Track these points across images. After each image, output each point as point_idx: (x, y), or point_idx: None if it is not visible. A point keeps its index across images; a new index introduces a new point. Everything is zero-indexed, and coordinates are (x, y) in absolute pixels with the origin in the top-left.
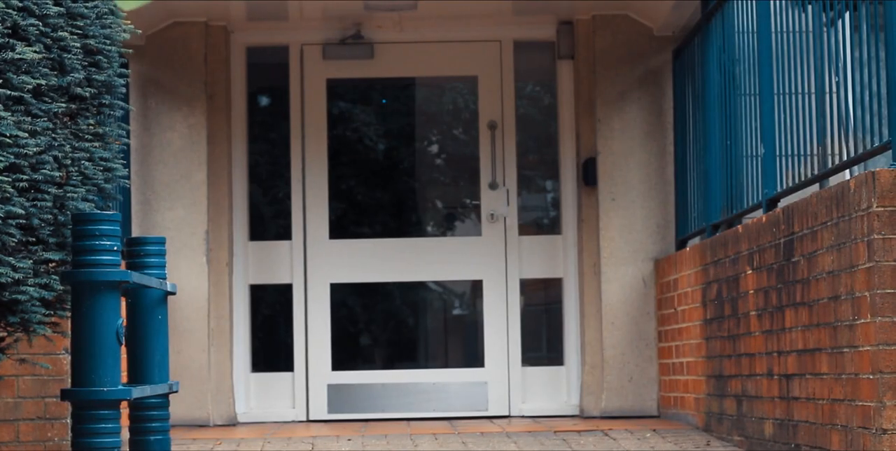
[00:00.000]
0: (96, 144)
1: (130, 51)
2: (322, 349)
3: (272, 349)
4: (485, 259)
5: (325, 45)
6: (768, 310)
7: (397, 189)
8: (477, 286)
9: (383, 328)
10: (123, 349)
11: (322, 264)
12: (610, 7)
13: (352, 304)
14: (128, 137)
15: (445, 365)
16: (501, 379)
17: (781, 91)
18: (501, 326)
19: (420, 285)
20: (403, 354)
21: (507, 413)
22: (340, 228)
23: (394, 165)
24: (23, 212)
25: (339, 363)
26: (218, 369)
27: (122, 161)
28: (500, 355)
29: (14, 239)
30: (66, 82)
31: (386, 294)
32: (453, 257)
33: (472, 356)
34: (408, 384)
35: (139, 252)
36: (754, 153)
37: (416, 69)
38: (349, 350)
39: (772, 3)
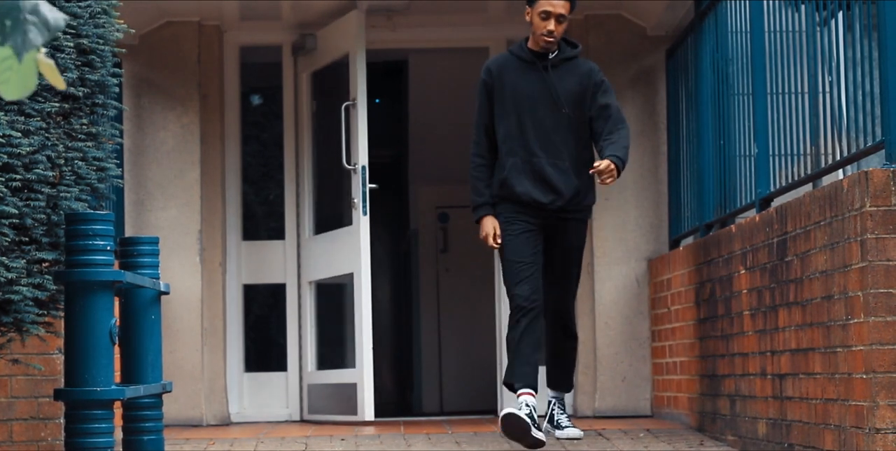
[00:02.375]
0: (89, 143)
1: (124, 50)
2: (314, 349)
3: (265, 349)
4: None
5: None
6: (761, 310)
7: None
8: None
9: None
10: (117, 349)
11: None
12: (603, 7)
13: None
14: (121, 137)
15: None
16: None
17: (775, 91)
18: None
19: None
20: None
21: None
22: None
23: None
24: (16, 211)
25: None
26: (211, 369)
27: (115, 161)
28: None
29: (7, 239)
30: None
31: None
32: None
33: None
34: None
35: (132, 252)
36: (748, 153)
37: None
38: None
39: (765, 2)
